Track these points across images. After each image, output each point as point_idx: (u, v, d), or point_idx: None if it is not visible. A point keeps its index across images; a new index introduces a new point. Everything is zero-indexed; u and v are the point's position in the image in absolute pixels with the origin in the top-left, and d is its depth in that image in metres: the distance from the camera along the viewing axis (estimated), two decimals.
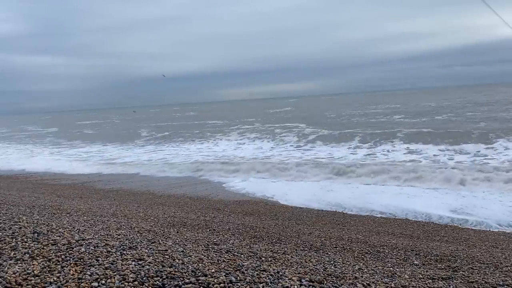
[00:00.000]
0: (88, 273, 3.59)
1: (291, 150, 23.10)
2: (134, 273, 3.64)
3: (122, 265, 3.83)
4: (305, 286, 3.73)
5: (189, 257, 4.35)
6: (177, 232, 6.37)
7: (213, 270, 3.89)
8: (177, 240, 5.52)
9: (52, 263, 3.83)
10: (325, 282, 3.92)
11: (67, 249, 4.24)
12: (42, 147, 33.81)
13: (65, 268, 3.68)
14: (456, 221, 8.91)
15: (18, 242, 4.30)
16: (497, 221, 8.69)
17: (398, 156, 18.89)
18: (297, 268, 4.44)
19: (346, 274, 4.36)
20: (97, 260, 3.92)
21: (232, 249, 5.21)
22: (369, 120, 38.88)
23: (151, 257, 4.14)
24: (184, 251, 4.70)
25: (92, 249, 4.29)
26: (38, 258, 3.93)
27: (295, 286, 3.68)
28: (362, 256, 5.84)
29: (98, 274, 3.56)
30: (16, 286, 3.30)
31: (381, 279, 4.32)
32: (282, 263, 4.70)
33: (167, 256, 4.28)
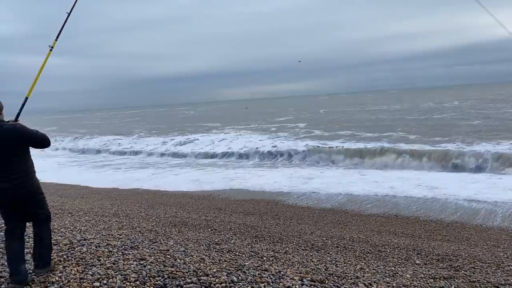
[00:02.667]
0: (90, 273, 3.59)
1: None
2: (136, 273, 3.65)
3: (123, 265, 3.83)
4: (307, 285, 3.73)
5: (191, 257, 4.35)
6: (179, 232, 6.37)
7: (214, 270, 3.89)
8: (178, 240, 5.52)
9: (54, 263, 3.85)
10: (327, 281, 3.92)
11: (68, 249, 4.25)
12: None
13: (67, 268, 3.69)
14: None
15: None
16: None
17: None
18: (298, 267, 4.44)
19: (348, 273, 4.36)
20: (99, 260, 3.93)
21: (234, 249, 5.21)
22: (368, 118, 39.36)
23: (152, 257, 4.14)
24: (186, 250, 4.70)
25: (93, 249, 4.30)
26: None
27: (297, 286, 3.68)
28: (364, 256, 5.84)
29: (99, 274, 3.57)
30: (18, 285, 3.30)
31: (383, 279, 4.32)
32: (283, 262, 4.70)
33: (169, 256, 4.28)
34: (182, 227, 6.97)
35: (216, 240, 5.95)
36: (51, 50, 4.21)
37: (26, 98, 3.86)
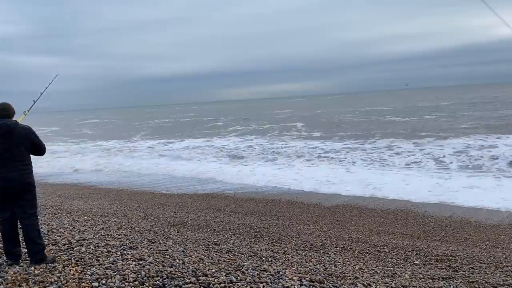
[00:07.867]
0: (89, 273, 3.59)
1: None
2: (135, 273, 3.64)
3: (122, 265, 3.83)
4: (306, 286, 3.73)
5: (190, 257, 4.35)
6: (178, 232, 6.37)
7: (213, 270, 3.89)
8: (177, 240, 5.52)
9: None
10: (326, 282, 3.92)
11: (67, 249, 4.24)
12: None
13: (65, 268, 3.69)
14: None
15: None
16: None
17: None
18: (297, 268, 4.44)
19: (347, 274, 4.36)
20: (98, 260, 3.92)
21: (233, 249, 5.21)
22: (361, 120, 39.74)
23: (151, 257, 4.14)
24: (185, 251, 4.70)
25: (92, 249, 4.29)
26: None
27: (296, 286, 3.68)
28: (363, 256, 5.84)
29: (98, 274, 3.56)
30: (17, 286, 3.30)
31: (382, 279, 4.32)
32: (282, 263, 4.70)
33: (168, 256, 4.28)
34: (181, 227, 6.97)
35: (215, 240, 5.95)
36: (25, 115, 4.49)
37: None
